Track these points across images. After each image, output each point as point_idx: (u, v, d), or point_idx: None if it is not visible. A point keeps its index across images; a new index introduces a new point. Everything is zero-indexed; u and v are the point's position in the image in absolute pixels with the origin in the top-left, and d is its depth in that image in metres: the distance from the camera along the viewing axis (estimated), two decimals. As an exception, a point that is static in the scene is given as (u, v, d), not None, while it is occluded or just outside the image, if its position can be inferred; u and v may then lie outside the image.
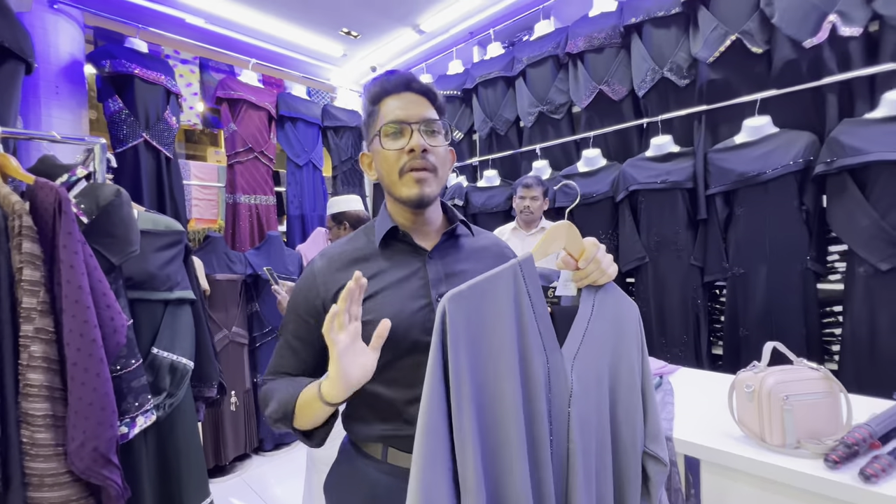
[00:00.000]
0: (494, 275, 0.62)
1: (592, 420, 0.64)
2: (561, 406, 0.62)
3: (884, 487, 0.78)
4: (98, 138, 1.17)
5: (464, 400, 0.56)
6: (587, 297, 0.69)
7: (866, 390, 1.36)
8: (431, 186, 0.71)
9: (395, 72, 0.75)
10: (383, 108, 0.73)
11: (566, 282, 0.71)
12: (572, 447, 0.62)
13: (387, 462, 0.69)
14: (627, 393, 0.68)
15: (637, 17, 2.12)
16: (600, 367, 0.67)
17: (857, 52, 1.62)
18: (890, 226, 1.43)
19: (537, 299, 0.64)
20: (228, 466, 2.44)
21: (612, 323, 0.69)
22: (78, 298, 0.87)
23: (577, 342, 0.66)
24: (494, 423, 0.59)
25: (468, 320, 0.59)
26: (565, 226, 0.69)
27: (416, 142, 0.69)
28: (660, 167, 2.04)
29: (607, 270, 0.69)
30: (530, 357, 0.61)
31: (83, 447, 0.86)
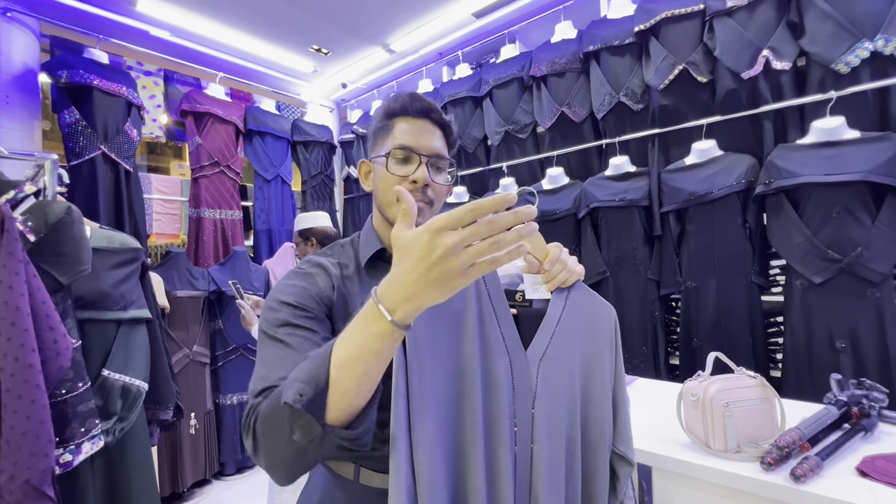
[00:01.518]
0: None
1: (561, 421, 0.64)
2: (525, 408, 0.62)
3: (812, 486, 0.84)
4: (49, 154, 1.14)
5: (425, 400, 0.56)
6: (558, 298, 0.69)
7: (806, 396, 1.46)
8: (424, 217, 0.70)
9: (419, 95, 0.73)
10: (397, 128, 0.71)
11: (534, 285, 0.71)
12: (536, 448, 0.61)
13: (359, 483, 0.67)
14: (599, 393, 0.68)
15: (595, 45, 2.25)
16: (570, 369, 0.66)
17: (788, 83, 1.78)
18: (822, 242, 1.56)
19: (498, 301, 0.64)
20: (186, 493, 2.33)
21: (583, 324, 0.69)
22: (14, 320, 0.83)
23: (545, 343, 0.66)
24: (454, 424, 0.58)
25: (427, 322, 0.58)
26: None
27: (421, 175, 0.68)
28: (618, 186, 2.14)
29: (574, 269, 0.69)
30: (492, 358, 0.61)
31: (13, 480, 0.81)
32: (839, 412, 1.02)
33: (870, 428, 1.01)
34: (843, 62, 1.60)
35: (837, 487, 0.83)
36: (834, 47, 1.62)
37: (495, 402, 0.60)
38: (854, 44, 1.58)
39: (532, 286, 0.71)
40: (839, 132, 1.57)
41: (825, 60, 1.64)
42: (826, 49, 1.63)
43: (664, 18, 2.01)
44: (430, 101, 0.73)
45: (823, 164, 1.56)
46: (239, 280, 2.44)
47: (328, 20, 2.71)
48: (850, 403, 1.04)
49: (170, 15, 2.55)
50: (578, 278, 0.70)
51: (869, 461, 0.89)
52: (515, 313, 0.68)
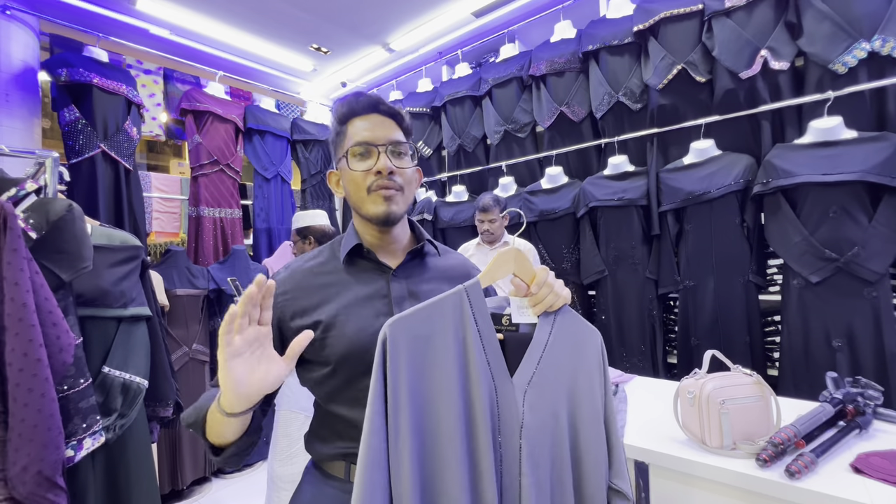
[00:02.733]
0: (439, 300, 0.61)
1: (547, 453, 0.61)
2: (511, 438, 0.59)
3: (806, 483, 0.85)
4: (50, 152, 1.14)
5: (402, 428, 0.55)
6: (544, 322, 0.66)
7: (803, 394, 1.47)
8: (398, 204, 0.72)
9: (362, 93, 0.75)
10: (350, 129, 0.73)
11: (521, 308, 0.68)
12: (524, 482, 0.58)
13: (349, 481, 0.68)
14: (589, 422, 0.65)
15: (594, 44, 2.25)
16: (558, 396, 0.63)
17: (786, 83, 1.79)
18: (818, 241, 1.57)
19: (484, 326, 0.62)
20: (186, 491, 2.33)
21: (571, 349, 0.66)
22: (22, 316, 0.84)
23: (531, 370, 0.63)
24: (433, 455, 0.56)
25: (409, 347, 0.57)
26: (513, 252, 0.67)
27: (383, 164, 0.70)
28: (616, 185, 2.15)
29: (561, 293, 0.68)
30: (475, 385, 0.58)
31: (26, 471, 0.82)
32: (834, 410, 1.03)
33: (864, 425, 1.02)
34: (841, 62, 1.61)
35: (832, 484, 0.84)
36: (832, 47, 1.62)
37: (478, 431, 0.57)
38: (852, 44, 1.58)
39: (518, 310, 0.68)
40: (837, 132, 1.58)
41: (823, 60, 1.65)
42: (824, 49, 1.64)
43: (663, 18, 2.02)
44: (376, 96, 0.75)
45: (821, 164, 1.57)
46: (238, 279, 2.45)
47: (328, 19, 2.72)
48: (845, 401, 1.05)
49: (169, 13, 2.55)
50: (565, 302, 0.69)
51: (863, 458, 0.89)
52: (501, 338, 0.65)
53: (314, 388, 0.73)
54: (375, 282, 0.73)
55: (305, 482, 0.76)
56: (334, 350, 0.67)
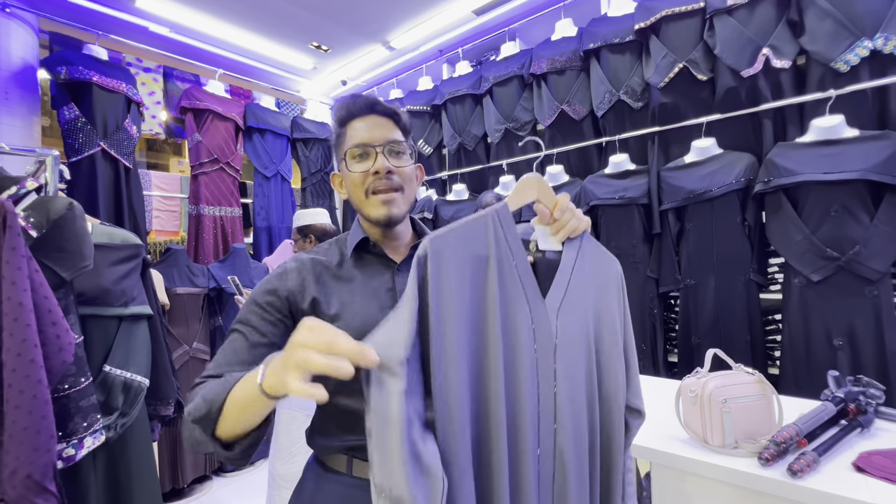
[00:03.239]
0: (472, 220, 0.59)
1: (578, 372, 0.62)
2: (546, 359, 0.59)
3: (809, 481, 0.85)
4: (51, 150, 1.14)
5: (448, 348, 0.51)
6: (570, 248, 0.68)
7: (804, 392, 1.47)
8: (399, 206, 0.73)
9: (359, 95, 0.77)
10: (349, 131, 0.75)
11: (546, 235, 0.69)
12: (559, 401, 0.59)
13: (352, 475, 0.69)
14: (610, 343, 0.67)
15: (595, 42, 2.24)
16: (585, 317, 0.65)
17: (787, 82, 1.78)
18: (820, 240, 1.57)
19: (516, 247, 0.61)
20: (187, 489, 2.34)
21: (595, 273, 0.68)
22: (17, 316, 0.84)
23: (561, 293, 0.64)
24: (481, 374, 0.55)
25: (451, 265, 0.55)
26: (535, 177, 0.67)
27: (381, 164, 0.71)
28: (617, 184, 2.15)
29: (582, 218, 0.69)
30: (513, 308, 0.58)
31: (15, 474, 0.81)
32: (836, 409, 1.03)
33: (866, 424, 1.02)
34: (843, 61, 1.60)
35: (834, 482, 0.84)
36: (834, 46, 1.62)
37: (517, 354, 0.58)
38: (854, 42, 1.58)
39: (544, 236, 0.70)
40: (838, 131, 1.58)
41: (825, 59, 1.64)
42: (826, 47, 1.64)
43: (664, 16, 2.01)
44: (373, 97, 0.76)
45: (822, 163, 1.57)
46: (239, 277, 2.45)
47: (328, 17, 2.71)
48: (846, 400, 1.05)
49: (169, 11, 2.54)
50: (587, 227, 0.70)
51: (865, 457, 0.89)
52: (532, 261, 0.66)
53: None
54: (381, 275, 0.75)
55: (307, 477, 0.76)
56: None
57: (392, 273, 0.75)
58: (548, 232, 0.69)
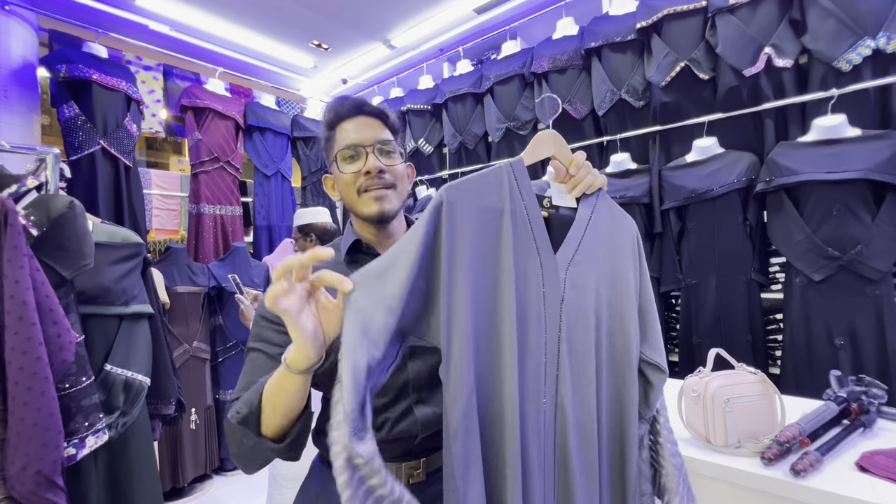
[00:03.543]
0: (488, 172, 0.61)
1: (584, 327, 0.64)
2: (553, 311, 0.62)
3: (811, 481, 0.85)
4: (51, 148, 1.13)
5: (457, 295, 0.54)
6: (585, 205, 0.68)
7: (805, 392, 1.46)
8: (391, 202, 0.74)
9: (347, 96, 0.77)
10: (339, 133, 0.76)
11: (561, 193, 0.70)
12: (562, 349, 0.62)
13: None
14: (623, 302, 0.68)
15: (596, 41, 2.24)
16: (597, 275, 0.66)
17: (789, 81, 1.78)
18: (821, 240, 1.57)
19: (530, 201, 0.63)
20: (187, 488, 2.34)
21: (610, 231, 0.69)
22: (21, 314, 0.84)
23: (573, 249, 0.65)
24: (489, 320, 0.58)
25: (467, 214, 0.57)
26: (552, 133, 0.68)
27: (372, 164, 0.72)
28: (619, 183, 2.14)
29: (598, 175, 0.70)
30: (524, 259, 0.61)
31: (25, 471, 0.82)
32: (839, 408, 1.03)
33: (869, 424, 1.02)
34: (845, 60, 1.60)
35: (837, 482, 0.84)
36: (836, 45, 1.61)
37: (527, 303, 0.60)
38: (856, 41, 1.58)
39: (559, 193, 0.70)
40: (840, 130, 1.57)
41: (827, 58, 1.64)
42: (828, 47, 1.63)
43: (666, 15, 2.00)
44: (360, 98, 0.77)
45: (824, 162, 1.56)
46: (239, 276, 2.44)
47: (329, 15, 2.70)
48: (849, 400, 1.05)
49: (169, 9, 2.53)
50: (602, 184, 0.70)
51: (868, 456, 0.89)
52: (546, 216, 0.67)
53: (319, 383, 0.74)
54: None
55: (312, 477, 0.77)
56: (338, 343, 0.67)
57: None
58: (563, 189, 0.69)
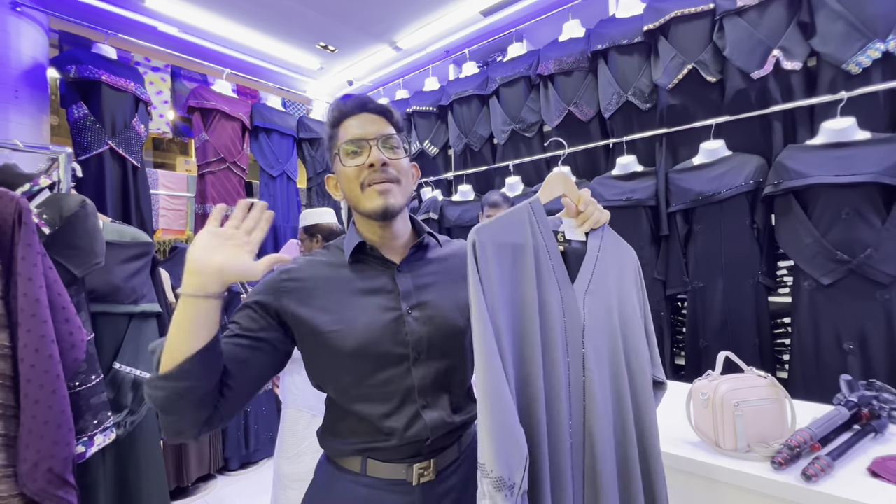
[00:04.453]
0: (512, 212, 0.68)
1: (604, 351, 0.70)
2: (575, 339, 0.67)
3: (823, 486, 0.84)
4: (64, 147, 1.14)
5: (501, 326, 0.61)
6: (594, 238, 0.76)
7: (813, 396, 1.45)
8: (396, 197, 0.71)
9: (350, 95, 0.78)
10: (342, 130, 0.74)
11: (571, 227, 0.78)
12: (588, 376, 0.67)
13: (366, 475, 0.69)
14: (633, 321, 0.74)
15: (603, 44, 2.24)
16: (609, 302, 0.72)
17: (798, 84, 1.77)
18: (830, 243, 1.56)
19: (549, 238, 0.70)
20: (191, 488, 2.34)
21: (616, 260, 0.76)
22: (35, 312, 0.84)
23: (588, 279, 0.72)
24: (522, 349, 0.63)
25: (495, 253, 0.64)
26: (563, 174, 0.76)
27: (375, 156, 0.70)
28: (625, 185, 2.14)
29: (604, 211, 0.76)
30: (546, 291, 0.66)
31: (37, 468, 0.82)
32: (850, 413, 1.02)
33: (880, 429, 1.01)
34: (855, 62, 1.59)
35: (849, 488, 0.83)
36: (845, 48, 1.61)
37: (551, 334, 0.65)
38: (866, 44, 1.57)
39: (570, 228, 0.77)
40: (849, 133, 1.56)
41: (836, 61, 1.63)
42: (837, 49, 1.63)
43: (673, 17, 2.00)
44: (364, 95, 0.78)
45: (833, 165, 1.56)
46: (245, 276, 2.45)
47: (335, 17, 2.71)
48: (860, 404, 1.04)
49: (178, 11, 2.55)
50: (607, 219, 0.77)
51: (880, 462, 0.88)
52: (563, 250, 0.74)
53: (325, 384, 0.73)
54: (381, 277, 0.73)
55: (319, 476, 0.76)
56: (344, 346, 0.67)
57: (392, 275, 0.73)
58: (573, 224, 0.77)
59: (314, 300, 0.70)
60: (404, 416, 0.68)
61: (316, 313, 0.69)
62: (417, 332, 0.70)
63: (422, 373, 0.69)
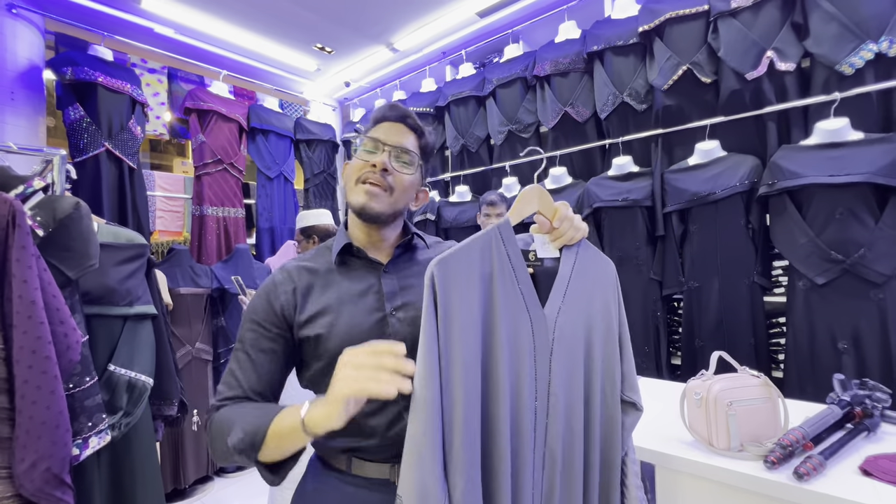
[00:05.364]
0: (473, 239, 0.66)
1: (572, 374, 0.68)
2: (544, 363, 0.66)
3: (815, 485, 0.84)
4: (58, 149, 1.14)
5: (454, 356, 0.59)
6: (568, 256, 0.72)
7: (808, 396, 1.46)
8: (380, 202, 0.73)
9: (397, 105, 0.80)
10: (374, 129, 0.78)
11: (544, 244, 0.74)
12: (553, 400, 0.66)
13: (351, 473, 0.70)
14: (606, 343, 0.72)
15: (599, 45, 2.25)
16: (581, 322, 0.70)
17: (792, 84, 1.78)
18: (824, 243, 1.57)
19: (516, 260, 0.67)
20: (188, 490, 2.34)
21: (592, 279, 0.73)
22: (31, 314, 0.84)
23: (560, 300, 0.69)
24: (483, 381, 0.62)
25: (455, 284, 0.62)
26: (537, 189, 0.72)
27: (381, 159, 0.73)
28: (621, 186, 2.15)
29: (580, 227, 0.73)
30: (514, 316, 0.65)
31: (34, 468, 0.82)
32: (842, 412, 1.02)
33: (873, 428, 1.02)
34: (848, 63, 1.60)
35: (841, 486, 0.83)
36: (838, 49, 1.62)
37: (519, 360, 0.64)
38: (858, 45, 1.58)
39: (542, 245, 0.74)
40: (843, 133, 1.57)
41: (830, 62, 1.64)
42: (830, 50, 1.64)
43: (668, 19, 2.01)
44: (408, 110, 0.79)
45: (827, 166, 1.56)
46: (242, 278, 2.45)
47: (332, 19, 2.72)
48: (853, 403, 1.04)
49: (174, 13, 2.56)
50: (584, 235, 0.74)
51: (872, 461, 0.89)
52: (532, 272, 0.70)
53: (313, 385, 0.76)
54: (367, 278, 0.75)
55: (309, 474, 0.78)
56: (329, 346, 0.69)
57: (378, 275, 0.75)
58: (546, 239, 0.74)
59: (303, 306, 0.72)
60: (386, 417, 0.69)
61: (305, 316, 0.71)
62: (401, 332, 0.71)
63: None
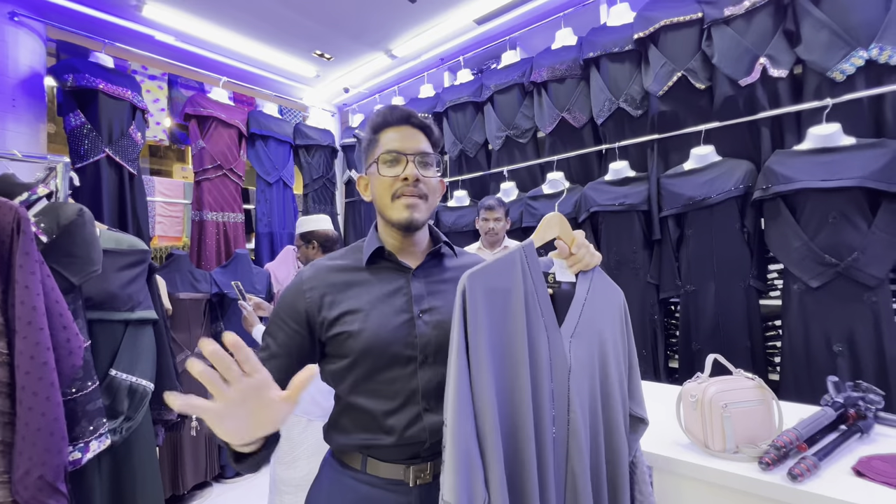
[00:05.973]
0: (504, 257, 0.71)
1: (587, 391, 0.72)
2: (561, 381, 0.70)
3: (809, 486, 0.85)
4: (61, 157, 1.16)
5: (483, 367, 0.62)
6: (583, 280, 0.78)
7: (804, 398, 1.47)
8: (421, 212, 0.76)
9: (396, 106, 0.81)
10: (383, 138, 0.78)
11: (563, 269, 0.80)
12: (573, 417, 0.69)
13: (366, 472, 0.71)
14: (615, 363, 0.77)
15: (595, 51, 2.28)
16: (594, 342, 0.75)
17: (784, 90, 1.81)
18: (818, 247, 1.58)
19: (539, 282, 0.72)
20: (187, 496, 2.33)
21: (604, 303, 0.78)
22: (31, 320, 0.85)
23: (575, 322, 0.74)
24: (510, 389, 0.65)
25: (484, 297, 0.66)
26: (558, 216, 0.78)
27: (410, 172, 0.74)
28: (618, 190, 2.17)
29: (595, 254, 0.80)
30: (535, 335, 0.69)
31: (28, 475, 0.83)
32: (836, 414, 1.03)
33: (866, 429, 1.03)
34: (839, 70, 1.63)
35: (834, 487, 0.84)
36: (830, 55, 1.65)
37: (538, 375, 0.68)
38: (849, 52, 1.61)
39: (561, 269, 0.80)
40: (835, 139, 1.60)
41: (821, 68, 1.67)
42: (822, 57, 1.66)
43: (663, 26, 2.04)
44: (409, 109, 0.80)
45: (820, 170, 1.59)
46: (241, 283, 2.46)
47: (331, 25, 2.74)
48: (846, 405, 1.05)
49: (175, 20, 2.58)
50: (598, 262, 0.80)
51: (865, 461, 0.90)
52: (552, 293, 0.76)
53: (334, 380, 0.76)
54: (396, 280, 0.77)
55: (324, 472, 0.79)
56: (357, 343, 0.70)
57: (408, 278, 0.77)
58: (565, 265, 0.80)
59: (332, 303, 0.74)
60: (405, 416, 0.70)
61: (334, 315, 0.73)
62: (426, 335, 0.72)
63: (427, 376, 0.71)
